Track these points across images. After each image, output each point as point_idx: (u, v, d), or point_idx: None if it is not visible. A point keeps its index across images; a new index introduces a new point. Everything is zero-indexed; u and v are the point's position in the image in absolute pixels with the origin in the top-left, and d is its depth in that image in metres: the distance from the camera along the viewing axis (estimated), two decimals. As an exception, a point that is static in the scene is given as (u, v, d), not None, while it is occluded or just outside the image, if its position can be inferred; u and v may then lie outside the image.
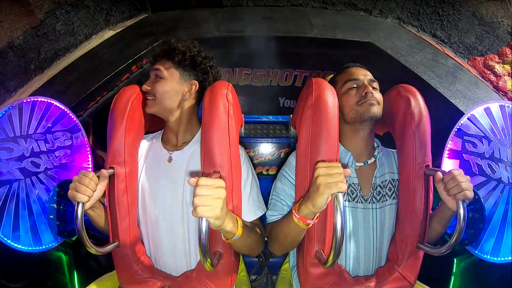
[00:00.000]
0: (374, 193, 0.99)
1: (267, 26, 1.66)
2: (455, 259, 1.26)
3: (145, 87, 1.01)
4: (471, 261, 1.20)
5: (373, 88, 1.01)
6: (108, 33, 1.73)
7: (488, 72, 1.51)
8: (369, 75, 1.04)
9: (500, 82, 1.49)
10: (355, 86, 1.01)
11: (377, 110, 0.97)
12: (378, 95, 1.00)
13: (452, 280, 1.27)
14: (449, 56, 1.60)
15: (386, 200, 1.00)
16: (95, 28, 1.71)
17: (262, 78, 2.17)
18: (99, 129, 1.56)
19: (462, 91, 1.47)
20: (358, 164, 1.00)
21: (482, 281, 1.24)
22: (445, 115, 1.42)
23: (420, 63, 1.55)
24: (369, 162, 1.02)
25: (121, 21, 1.79)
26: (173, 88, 1.00)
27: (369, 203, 0.98)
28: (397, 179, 1.01)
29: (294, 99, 2.33)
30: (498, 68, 1.52)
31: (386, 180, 1.01)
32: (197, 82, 1.03)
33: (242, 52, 1.77)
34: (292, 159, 1.02)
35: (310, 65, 2.06)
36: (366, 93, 0.98)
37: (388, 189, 1.01)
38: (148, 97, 1.02)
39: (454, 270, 1.26)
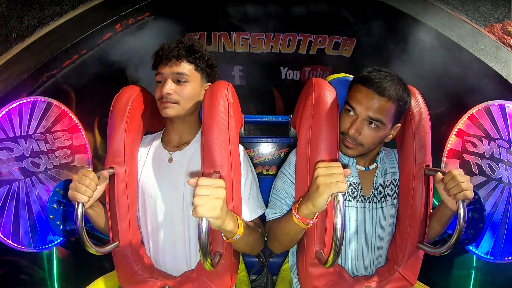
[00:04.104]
0: (375, 193, 0.99)
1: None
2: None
3: (167, 92, 0.94)
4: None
5: (370, 126, 0.89)
6: (96, 1, 1.63)
7: (508, 38, 1.45)
8: (373, 111, 0.87)
9: (522, 48, 1.43)
10: (349, 113, 0.91)
11: (350, 153, 0.93)
12: (366, 135, 0.90)
13: (473, 275, 1.27)
14: (465, 21, 1.54)
15: (387, 200, 1.00)
16: (83, -3, 1.60)
17: (261, 44, 2.01)
18: (81, 104, 1.47)
19: (486, 50, 1.42)
20: (359, 167, 1.00)
21: (503, 275, 1.23)
22: (470, 71, 1.39)
23: (438, 23, 1.48)
24: (370, 168, 1.01)
25: (111, -10, 1.67)
26: (196, 91, 1.00)
27: (370, 202, 0.98)
28: (398, 179, 1.01)
29: (297, 70, 2.18)
30: (518, 34, 1.47)
31: (388, 180, 1.01)
32: (210, 85, 1.03)
33: (240, 12, 1.64)
34: (292, 157, 1.01)
35: (315, 28, 1.92)
36: (347, 132, 0.90)
37: (390, 189, 1.01)
38: (169, 101, 0.95)
39: (474, 264, 1.26)
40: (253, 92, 2.29)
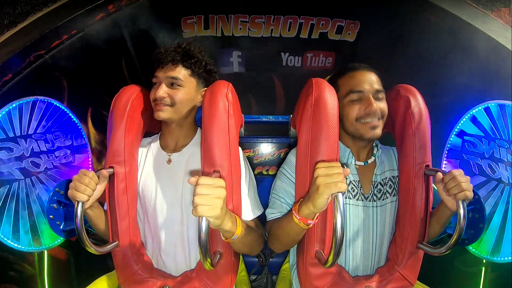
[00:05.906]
0: (375, 191, 0.99)
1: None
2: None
3: (160, 95, 0.95)
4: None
5: (379, 99, 0.95)
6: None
7: (516, 21, 1.42)
8: (375, 84, 0.95)
9: (530, 33, 1.40)
10: (356, 99, 0.95)
11: (378, 132, 0.94)
12: (382, 106, 0.95)
13: (483, 271, 1.27)
14: (472, 5, 1.51)
15: (387, 198, 1.00)
16: (81, -16, 1.51)
17: (261, 27, 1.93)
18: (74, 90, 1.40)
19: (496, 31, 1.40)
20: (358, 163, 1.00)
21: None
22: (483, 49, 1.39)
23: (444, 5, 1.46)
24: (369, 161, 1.02)
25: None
26: (191, 96, 1.00)
27: (370, 200, 0.98)
28: (397, 176, 1.01)
29: (299, 56, 2.10)
30: (526, 18, 1.44)
31: (386, 178, 1.02)
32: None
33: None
34: (291, 157, 1.02)
35: (317, 10, 1.85)
36: (369, 112, 0.93)
37: (389, 187, 1.01)
38: (162, 104, 0.96)
39: (483, 261, 1.25)
40: (252, 81, 2.22)
